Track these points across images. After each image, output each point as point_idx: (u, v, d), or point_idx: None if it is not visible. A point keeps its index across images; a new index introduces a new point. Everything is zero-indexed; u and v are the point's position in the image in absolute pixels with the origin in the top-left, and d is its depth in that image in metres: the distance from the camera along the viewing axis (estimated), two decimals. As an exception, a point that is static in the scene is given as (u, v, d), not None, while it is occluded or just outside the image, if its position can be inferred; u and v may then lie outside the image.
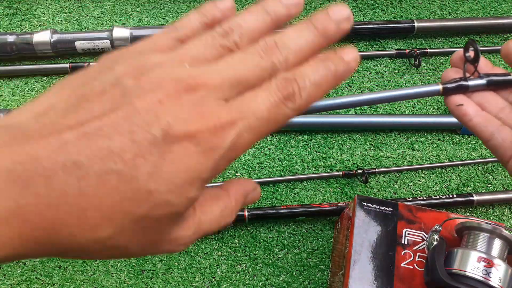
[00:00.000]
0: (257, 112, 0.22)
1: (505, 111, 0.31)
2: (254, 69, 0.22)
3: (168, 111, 0.20)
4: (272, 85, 0.22)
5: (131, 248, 0.22)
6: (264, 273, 0.52)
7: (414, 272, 0.39)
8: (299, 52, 0.23)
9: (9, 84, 0.63)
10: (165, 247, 0.23)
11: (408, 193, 0.57)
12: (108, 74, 0.21)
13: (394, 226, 0.42)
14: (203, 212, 0.24)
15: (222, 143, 0.21)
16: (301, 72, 0.23)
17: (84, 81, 0.22)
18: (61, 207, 0.19)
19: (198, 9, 0.26)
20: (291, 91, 0.22)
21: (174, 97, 0.20)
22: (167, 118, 0.20)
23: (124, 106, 0.20)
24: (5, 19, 0.68)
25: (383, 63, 0.66)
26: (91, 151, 0.19)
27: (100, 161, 0.19)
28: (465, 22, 0.67)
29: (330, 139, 0.60)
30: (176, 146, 0.20)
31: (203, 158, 0.21)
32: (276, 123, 0.22)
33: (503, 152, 0.30)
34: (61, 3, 0.70)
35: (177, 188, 0.20)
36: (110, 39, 0.62)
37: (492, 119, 0.31)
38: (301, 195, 0.56)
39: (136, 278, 0.51)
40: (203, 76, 0.21)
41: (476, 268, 0.35)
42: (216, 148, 0.21)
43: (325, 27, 0.23)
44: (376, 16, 0.70)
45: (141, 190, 0.20)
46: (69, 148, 0.19)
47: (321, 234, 0.54)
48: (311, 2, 0.71)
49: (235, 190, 0.26)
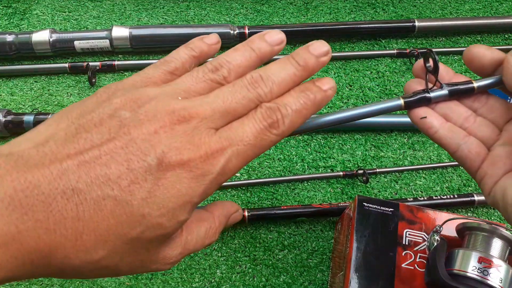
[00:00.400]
0: (245, 139, 0.24)
1: (469, 120, 0.31)
2: (241, 101, 0.24)
3: (163, 140, 0.22)
4: (258, 114, 0.24)
5: (121, 268, 0.23)
6: (264, 274, 0.52)
7: (415, 273, 0.39)
8: (282, 84, 0.25)
9: (8, 84, 0.63)
10: (153, 266, 0.25)
11: (409, 193, 0.56)
12: (106, 106, 0.23)
13: (394, 226, 0.41)
14: (190, 233, 0.26)
15: (213, 169, 0.23)
16: (283, 102, 0.25)
17: (82, 112, 0.23)
18: (58, 231, 0.20)
19: (187, 44, 0.28)
20: (275, 119, 0.24)
21: (168, 128, 0.22)
22: (161, 147, 0.22)
23: (121, 136, 0.22)
24: (4, 18, 0.68)
25: (384, 62, 0.65)
26: (90, 178, 0.21)
27: (98, 188, 0.21)
28: (466, 21, 0.67)
29: (330, 139, 0.60)
30: (170, 173, 0.22)
31: (195, 183, 0.22)
32: (262, 148, 0.25)
33: (471, 163, 0.30)
34: (60, 2, 0.70)
35: (169, 212, 0.22)
36: (109, 39, 0.62)
37: (458, 130, 0.30)
38: (301, 196, 0.56)
39: (135, 279, 0.51)
40: (195, 107, 0.23)
41: (477, 268, 0.35)
42: (207, 174, 0.23)
43: (306, 61, 0.26)
44: (377, 16, 0.70)
45: (135, 214, 0.21)
46: (69, 175, 0.20)
47: (321, 234, 0.54)
48: (311, 2, 0.71)
49: (219, 213, 0.29)
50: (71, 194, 0.20)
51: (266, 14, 0.70)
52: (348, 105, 0.62)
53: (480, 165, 0.29)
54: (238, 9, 0.70)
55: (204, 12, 0.70)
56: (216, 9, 0.70)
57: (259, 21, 0.69)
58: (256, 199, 0.56)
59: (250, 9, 0.70)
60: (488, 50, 0.30)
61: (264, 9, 0.70)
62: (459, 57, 0.67)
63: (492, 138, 0.30)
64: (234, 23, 0.68)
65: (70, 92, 0.62)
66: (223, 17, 0.69)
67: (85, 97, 0.62)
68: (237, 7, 0.70)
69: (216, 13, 0.70)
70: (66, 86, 0.63)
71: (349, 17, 0.70)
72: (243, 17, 0.69)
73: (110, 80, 0.63)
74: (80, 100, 0.25)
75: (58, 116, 0.24)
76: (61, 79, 0.63)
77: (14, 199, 0.20)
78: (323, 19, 0.69)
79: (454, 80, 0.31)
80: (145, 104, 0.23)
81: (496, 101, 0.31)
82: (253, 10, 0.70)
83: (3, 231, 0.19)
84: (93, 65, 0.62)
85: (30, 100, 0.62)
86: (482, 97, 0.31)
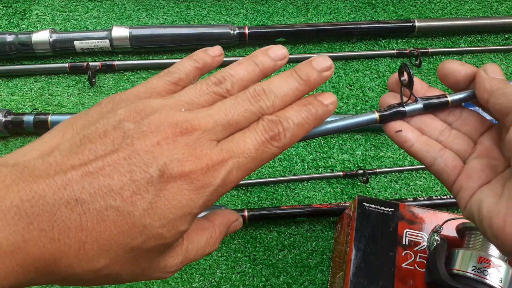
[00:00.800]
0: (246, 151, 0.24)
1: (444, 134, 0.31)
2: (243, 113, 0.25)
3: (165, 152, 0.22)
4: (259, 127, 0.25)
5: (123, 276, 0.24)
6: (264, 274, 0.52)
7: (415, 273, 0.39)
8: (284, 98, 0.26)
9: (8, 84, 0.63)
10: (153, 274, 0.25)
11: (409, 193, 0.56)
12: (110, 117, 0.23)
13: (394, 226, 0.41)
14: (190, 242, 0.27)
15: (214, 181, 0.23)
16: (285, 115, 0.25)
17: (86, 123, 0.24)
18: (62, 240, 0.21)
19: (191, 56, 0.28)
20: (276, 131, 0.25)
21: (171, 140, 0.23)
22: (163, 159, 0.22)
23: (125, 148, 0.22)
24: (4, 18, 0.68)
25: (384, 62, 0.65)
26: (93, 189, 0.21)
27: (101, 198, 0.21)
28: (466, 21, 0.67)
29: (330, 139, 0.60)
30: (171, 184, 0.22)
31: (195, 195, 0.23)
32: (262, 160, 0.25)
33: (447, 176, 0.30)
34: (60, 2, 0.70)
35: (169, 222, 0.22)
36: (109, 39, 0.62)
37: (433, 143, 0.30)
38: (301, 196, 0.56)
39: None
40: (198, 119, 0.24)
41: (477, 268, 0.35)
42: (208, 186, 0.23)
43: (308, 76, 0.26)
44: (377, 16, 0.70)
45: (137, 224, 0.22)
46: (73, 186, 0.21)
47: (321, 234, 0.54)
48: (311, 2, 0.71)
49: (220, 222, 0.29)
50: (75, 204, 0.21)
51: (266, 14, 0.70)
52: (348, 105, 0.62)
53: (456, 178, 0.29)
54: (238, 9, 0.70)
55: (204, 12, 0.70)
56: (216, 9, 0.70)
57: (259, 21, 0.69)
58: (256, 199, 0.56)
59: (250, 9, 0.70)
60: (462, 66, 0.30)
61: (264, 9, 0.70)
62: (459, 57, 0.67)
63: (467, 151, 0.30)
64: (234, 23, 0.68)
65: (70, 92, 0.62)
66: (223, 17, 0.69)
67: (85, 97, 0.62)
68: (237, 7, 0.70)
69: (216, 13, 0.70)
70: (66, 86, 0.63)
71: (349, 17, 0.70)
72: (243, 17, 0.69)
73: (110, 80, 0.63)
74: (83, 110, 0.25)
75: (63, 126, 0.24)
76: (61, 79, 0.63)
77: (20, 209, 0.20)
78: (323, 19, 0.69)
79: (429, 93, 0.32)
80: (149, 115, 0.23)
81: (470, 114, 0.31)
82: (253, 10, 0.70)
83: (10, 240, 0.20)
84: (93, 65, 0.62)
85: (30, 100, 0.62)
86: (456, 111, 0.31)
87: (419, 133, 0.31)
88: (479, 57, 0.67)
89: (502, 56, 0.67)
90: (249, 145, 0.24)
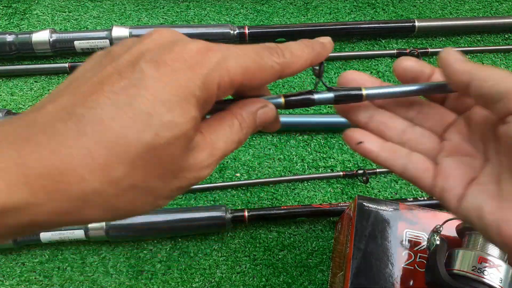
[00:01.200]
0: (246, 52, 0.24)
1: (407, 132, 0.29)
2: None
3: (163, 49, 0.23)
4: (261, 45, 0.25)
5: (153, 185, 0.22)
6: (264, 274, 0.52)
7: (415, 273, 0.39)
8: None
9: (8, 84, 0.63)
10: (188, 175, 0.23)
11: (409, 193, 0.56)
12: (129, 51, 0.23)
13: (395, 226, 0.41)
14: (212, 133, 0.25)
15: (208, 61, 0.22)
16: (284, 45, 0.26)
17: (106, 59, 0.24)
18: (63, 150, 0.19)
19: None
20: (275, 48, 0.25)
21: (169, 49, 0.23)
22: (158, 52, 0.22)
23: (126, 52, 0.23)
24: (4, 18, 0.68)
25: (384, 62, 0.65)
26: (82, 95, 0.21)
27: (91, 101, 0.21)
28: (466, 21, 0.67)
29: (330, 139, 0.60)
30: (163, 69, 0.21)
31: (191, 72, 0.22)
32: (261, 67, 0.24)
33: (422, 181, 0.28)
34: (60, 2, 0.70)
35: (175, 106, 0.21)
36: (109, 39, 0.62)
37: (399, 149, 0.29)
38: (301, 196, 0.56)
39: (135, 279, 0.51)
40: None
41: (477, 268, 0.35)
42: (202, 64, 0.22)
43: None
44: (377, 16, 0.70)
45: (140, 114, 0.20)
46: (64, 102, 0.21)
47: (321, 234, 0.54)
48: (311, 2, 0.71)
49: (239, 107, 0.27)
50: (68, 117, 0.20)
51: (266, 14, 0.70)
52: (348, 105, 0.62)
53: (433, 181, 0.27)
54: (238, 9, 0.70)
55: (204, 12, 0.70)
56: (216, 9, 0.70)
57: (259, 21, 0.69)
58: (256, 199, 0.56)
59: (250, 9, 0.70)
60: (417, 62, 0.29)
61: (264, 9, 0.70)
62: (459, 57, 0.67)
63: (435, 149, 0.28)
64: (234, 23, 0.68)
65: (70, 92, 0.62)
66: (223, 17, 0.69)
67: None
68: (237, 7, 0.70)
69: (216, 13, 0.70)
70: (66, 86, 0.63)
71: (349, 17, 0.70)
72: (243, 17, 0.69)
73: (110, 80, 0.63)
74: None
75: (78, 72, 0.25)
76: (61, 79, 0.63)
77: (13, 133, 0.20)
78: (323, 19, 0.69)
79: None
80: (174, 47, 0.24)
81: (429, 107, 0.30)
82: (253, 10, 0.70)
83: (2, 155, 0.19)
84: (93, 65, 0.62)
85: (30, 100, 0.62)
86: (415, 105, 0.30)
87: (382, 140, 0.29)
88: (479, 57, 0.67)
89: (502, 56, 0.67)
90: (248, 49, 0.24)
